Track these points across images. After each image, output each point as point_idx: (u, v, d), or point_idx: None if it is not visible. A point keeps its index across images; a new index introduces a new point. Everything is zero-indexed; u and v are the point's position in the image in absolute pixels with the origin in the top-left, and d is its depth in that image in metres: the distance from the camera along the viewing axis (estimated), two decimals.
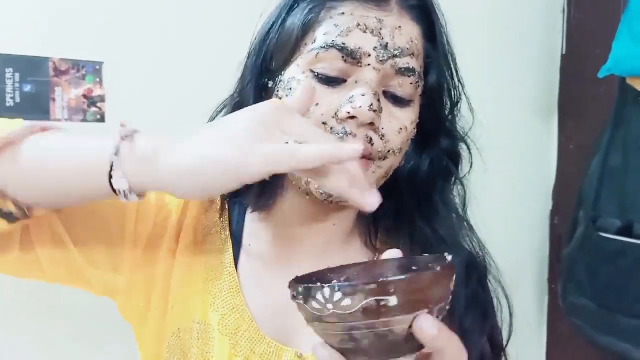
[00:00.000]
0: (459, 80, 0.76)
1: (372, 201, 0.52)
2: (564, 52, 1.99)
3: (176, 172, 0.52)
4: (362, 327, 0.48)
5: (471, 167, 0.79)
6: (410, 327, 0.48)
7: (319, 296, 0.48)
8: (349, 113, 0.64)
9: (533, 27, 1.97)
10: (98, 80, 1.36)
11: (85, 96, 1.35)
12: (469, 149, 0.79)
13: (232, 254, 0.75)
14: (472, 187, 0.83)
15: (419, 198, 0.76)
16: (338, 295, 0.47)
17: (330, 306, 0.48)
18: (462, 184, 0.79)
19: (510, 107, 1.95)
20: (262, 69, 0.71)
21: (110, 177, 0.55)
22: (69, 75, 1.33)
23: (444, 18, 0.74)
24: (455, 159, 0.78)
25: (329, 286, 0.48)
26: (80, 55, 1.34)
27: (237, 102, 0.74)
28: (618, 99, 1.69)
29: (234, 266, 0.74)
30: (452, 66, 0.75)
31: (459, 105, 0.77)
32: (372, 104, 0.64)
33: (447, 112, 0.76)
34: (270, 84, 0.71)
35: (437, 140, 0.76)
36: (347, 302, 0.47)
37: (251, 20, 0.78)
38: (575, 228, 1.77)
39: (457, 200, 0.79)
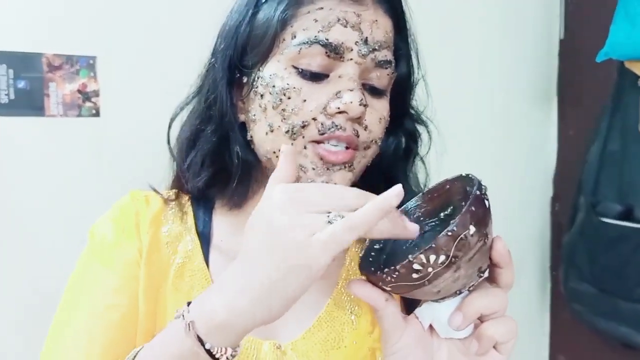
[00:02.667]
0: (419, 67, 0.78)
1: (414, 229, 0.53)
2: (562, 37, 1.98)
3: (251, 311, 0.52)
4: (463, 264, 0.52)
5: (430, 146, 0.82)
6: (477, 252, 0.52)
7: (416, 266, 0.50)
8: (338, 108, 0.65)
9: (531, 12, 1.96)
10: (92, 74, 1.35)
11: (79, 91, 1.34)
12: (427, 130, 0.81)
13: (201, 254, 0.74)
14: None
15: (388, 180, 0.76)
16: (433, 257, 0.50)
17: (430, 269, 0.50)
18: (423, 162, 0.82)
19: (510, 94, 1.94)
20: (232, 64, 0.71)
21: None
22: (62, 71, 1.32)
23: (409, 9, 0.75)
24: (415, 138, 0.79)
25: (421, 253, 0.50)
26: (74, 50, 1.34)
27: (208, 98, 0.73)
28: (616, 83, 1.68)
29: (204, 263, 0.74)
30: (414, 54, 0.77)
31: (415, 88, 0.79)
32: (362, 99, 0.65)
33: (411, 97, 0.79)
34: (245, 79, 0.71)
35: (402, 123, 0.77)
36: (442, 258, 0.50)
37: None
38: (576, 214, 1.77)
39: (422, 176, 0.82)
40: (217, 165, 0.73)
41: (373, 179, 0.75)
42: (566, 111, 2.00)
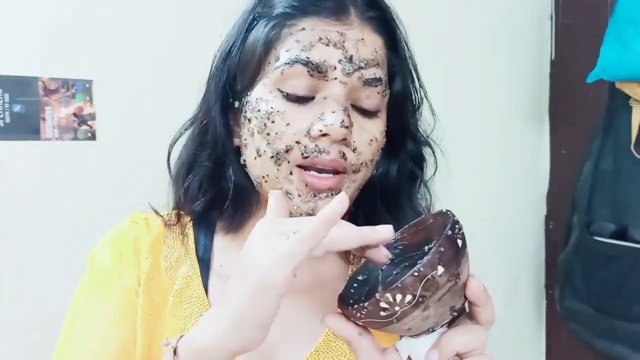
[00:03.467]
0: (420, 85, 0.77)
1: (385, 253, 0.55)
2: (553, 58, 2.00)
3: (224, 338, 0.54)
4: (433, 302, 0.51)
5: (436, 170, 0.80)
6: (448, 290, 0.51)
7: (383, 305, 0.51)
8: (320, 131, 0.64)
9: (522, 34, 1.98)
10: (88, 98, 1.36)
11: (75, 114, 1.35)
12: (433, 152, 0.79)
13: (200, 279, 0.73)
14: (466, 195, 0.84)
15: (390, 203, 0.76)
16: (399, 297, 0.50)
17: (397, 307, 0.51)
18: (426, 187, 0.80)
19: (502, 114, 1.96)
20: (226, 88, 0.71)
21: None
22: (58, 94, 1.33)
23: (403, 26, 0.74)
24: (420, 162, 0.78)
25: (387, 292, 0.50)
26: (70, 73, 1.34)
27: (203, 123, 0.73)
28: (608, 103, 1.70)
29: (202, 289, 0.73)
30: (414, 71, 0.76)
31: (420, 109, 0.78)
32: (343, 121, 0.63)
33: (410, 117, 0.76)
34: (237, 104, 0.71)
35: (404, 145, 0.76)
36: (408, 297, 0.50)
37: None
38: (570, 233, 1.78)
39: (423, 203, 0.80)
40: (215, 189, 0.73)
41: (377, 204, 0.75)
42: (558, 130, 2.01)
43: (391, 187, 0.76)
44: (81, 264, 0.77)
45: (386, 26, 0.71)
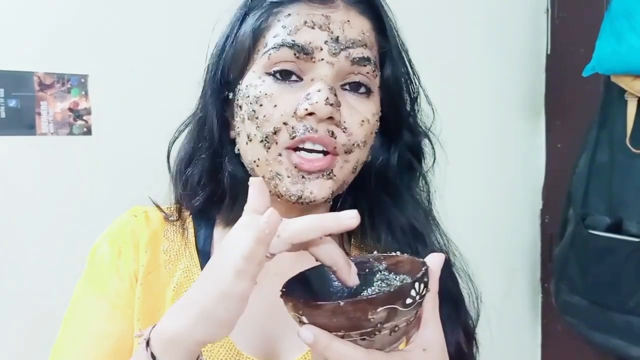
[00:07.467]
0: (414, 74, 0.77)
1: (354, 280, 0.53)
2: (548, 52, 2.00)
3: (192, 329, 0.53)
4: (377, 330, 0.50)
5: (434, 161, 0.80)
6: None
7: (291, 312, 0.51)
8: (306, 110, 0.64)
9: (517, 28, 1.98)
10: (83, 93, 1.36)
11: (71, 109, 1.34)
12: (431, 144, 0.80)
13: (200, 271, 0.73)
14: (462, 189, 0.85)
15: (391, 192, 0.77)
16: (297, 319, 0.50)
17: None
18: (425, 179, 0.80)
19: (498, 108, 1.96)
20: (220, 82, 0.72)
21: None
22: (54, 89, 1.33)
23: (392, 13, 0.75)
24: (418, 153, 0.78)
25: (291, 312, 0.51)
26: (65, 68, 1.34)
27: (200, 117, 0.74)
28: (603, 97, 1.70)
29: None
30: (406, 60, 0.76)
31: (418, 100, 0.78)
32: (327, 98, 0.64)
33: (408, 108, 0.77)
34: (230, 95, 0.72)
35: (401, 134, 0.76)
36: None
37: None
38: (566, 226, 1.79)
39: (423, 194, 0.80)
40: (214, 183, 0.73)
41: (377, 194, 0.76)
42: (554, 124, 2.02)
43: (391, 176, 0.76)
44: (78, 259, 0.77)
45: (372, 10, 0.72)
